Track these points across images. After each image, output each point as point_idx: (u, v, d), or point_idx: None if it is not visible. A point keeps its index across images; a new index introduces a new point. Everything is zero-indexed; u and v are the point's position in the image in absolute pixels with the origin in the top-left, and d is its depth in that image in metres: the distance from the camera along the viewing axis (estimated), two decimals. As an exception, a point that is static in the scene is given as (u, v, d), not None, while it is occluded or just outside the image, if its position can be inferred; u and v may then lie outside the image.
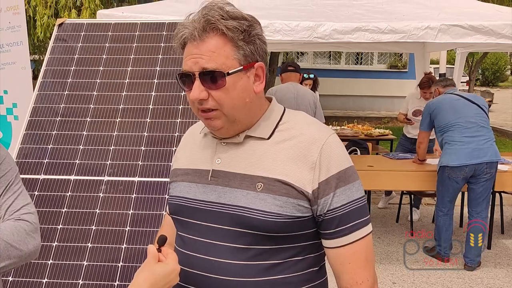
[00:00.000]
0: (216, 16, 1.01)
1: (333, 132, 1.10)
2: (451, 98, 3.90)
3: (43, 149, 2.48)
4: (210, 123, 1.07)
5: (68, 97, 2.64)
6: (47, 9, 6.62)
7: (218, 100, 1.03)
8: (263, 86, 1.09)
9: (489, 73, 24.32)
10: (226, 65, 1.01)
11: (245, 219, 1.03)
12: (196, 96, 1.02)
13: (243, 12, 1.06)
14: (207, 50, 1.01)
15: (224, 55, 1.01)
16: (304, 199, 1.03)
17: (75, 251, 2.18)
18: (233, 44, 1.02)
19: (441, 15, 3.79)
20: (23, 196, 1.29)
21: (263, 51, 1.08)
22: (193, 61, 1.02)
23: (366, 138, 5.98)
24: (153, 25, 2.90)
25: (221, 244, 1.06)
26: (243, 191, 1.05)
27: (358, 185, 1.08)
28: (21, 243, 1.19)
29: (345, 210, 1.05)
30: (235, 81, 1.02)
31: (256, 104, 1.09)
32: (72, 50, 2.81)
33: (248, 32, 1.03)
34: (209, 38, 1.01)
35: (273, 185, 1.03)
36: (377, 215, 5.27)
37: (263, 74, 1.08)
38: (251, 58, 1.05)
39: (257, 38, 1.05)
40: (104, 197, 2.32)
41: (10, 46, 3.72)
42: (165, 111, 2.56)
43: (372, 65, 14.28)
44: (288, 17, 3.73)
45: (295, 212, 1.03)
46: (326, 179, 1.03)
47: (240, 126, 1.08)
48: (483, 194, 3.79)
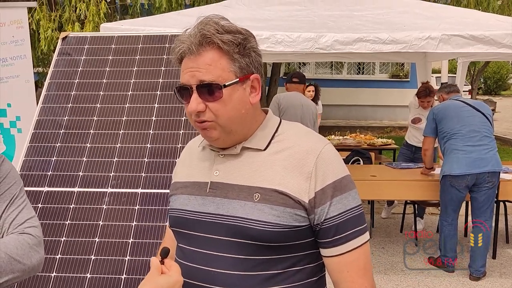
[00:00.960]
0: (211, 30, 1.04)
1: (328, 142, 1.12)
2: (456, 104, 3.86)
3: (46, 161, 2.49)
4: (206, 133, 1.09)
5: (71, 109, 2.66)
6: (51, 23, 6.69)
7: (215, 112, 1.05)
8: (258, 98, 1.11)
9: (491, 82, 24.33)
10: (222, 77, 1.04)
11: (243, 229, 1.05)
12: (194, 108, 1.05)
13: (238, 26, 1.09)
14: (204, 63, 1.04)
15: (220, 68, 1.04)
16: (301, 208, 1.05)
17: (78, 264, 2.18)
18: (229, 57, 1.05)
19: (442, 25, 3.81)
20: (27, 210, 1.29)
21: (259, 64, 1.11)
22: (190, 74, 1.05)
23: (368, 148, 5.98)
24: (156, 37, 2.92)
25: (221, 255, 1.07)
26: (240, 202, 1.07)
27: (354, 194, 1.09)
28: (25, 257, 1.19)
29: (342, 219, 1.06)
30: (231, 93, 1.05)
31: (251, 115, 1.11)
32: (75, 63, 2.84)
33: (243, 45, 1.06)
34: (205, 52, 1.04)
35: (270, 195, 1.05)
36: (381, 225, 5.24)
37: (259, 86, 1.11)
38: (247, 70, 1.07)
39: (252, 50, 1.08)
40: (108, 209, 2.33)
41: (13, 59, 3.76)
42: (168, 123, 2.57)
43: (374, 74, 14.32)
44: (290, 28, 3.76)
45: (292, 221, 1.04)
46: (322, 188, 1.05)
47: (237, 136, 1.10)
48: (486, 203, 3.77)
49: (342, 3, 4.51)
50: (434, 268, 4.05)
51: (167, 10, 6.62)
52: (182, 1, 7.58)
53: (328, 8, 4.37)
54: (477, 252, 3.79)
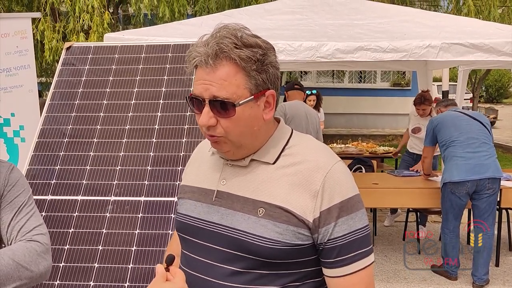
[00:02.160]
0: (229, 44, 1.00)
1: (339, 159, 1.09)
2: (454, 114, 3.97)
3: (50, 170, 2.51)
4: (216, 146, 1.08)
5: (75, 118, 2.69)
6: (56, 33, 6.75)
7: (225, 128, 1.03)
8: (272, 113, 1.08)
9: (493, 90, 24.34)
10: (237, 94, 1.01)
11: (244, 243, 1.03)
12: (204, 122, 1.02)
13: (259, 38, 1.05)
14: (219, 78, 1.00)
15: (235, 84, 1.00)
16: (305, 227, 1.02)
17: (82, 272, 2.19)
18: (245, 73, 1.01)
19: (442, 34, 3.83)
20: (35, 217, 1.31)
21: (275, 77, 1.07)
22: (204, 87, 1.02)
23: (370, 156, 5.98)
24: (159, 47, 2.96)
25: (220, 266, 1.06)
26: (244, 215, 1.05)
27: (361, 214, 1.06)
28: (32, 264, 1.20)
29: (346, 240, 1.03)
30: (245, 110, 1.02)
31: (264, 130, 1.09)
32: (79, 73, 2.87)
33: (262, 61, 1.02)
34: (221, 66, 1.00)
35: (274, 212, 1.03)
36: (383, 233, 5.23)
37: (274, 101, 1.07)
38: (262, 87, 1.04)
39: (270, 66, 1.04)
40: (111, 217, 2.34)
41: (17, 69, 3.79)
42: (170, 131, 2.59)
43: (376, 83, 14.35)
44: (291, 37, 3.79)
45: (295, 240, 1.02)
46: (328, 208, 1.02)
47: (247, 150, 1.09)
48: (488, 210, 3.77)
49: (343, 13, 4.55)
50: (437, 275, 4.04)
51: (170, 20, 6.68)
52: (185, 11, 7.65)
53: (329, 17, 4.41)
54: (480, 260, 3.79)
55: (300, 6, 4.72)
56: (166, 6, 7.01)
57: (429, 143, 4.07)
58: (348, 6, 4.74)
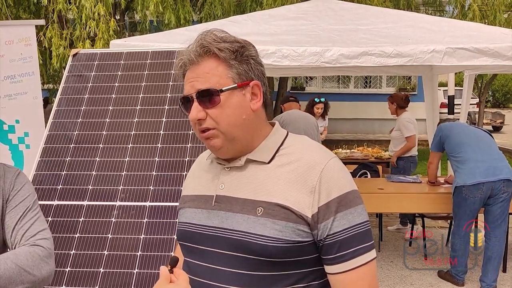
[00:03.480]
0: (208, 40, 1.07)
1: (334, 156, 1.10)
2: (460, 123, 4.06)
3: (57, 175, 2.53)
4: (209, 142, 1.10)
5: (81, 124, 2.71)
6: (62, 40, 6.82)
7: (215, 118, 1.07)
8: (260, 104, 1.12)
9: (500, 95, 24.21)
10: (220, 83, 1.06)
11: (245, 244, 1.04)
12: (194, 116, 1.07)
13: (237, 37, 1.12)
14: (202, 72, 1.07)
15: (218, 75, 1.07)
16: (304, 223, 1.03)
17: (87, 276, 2.20)
18: (226, 64, 1.07)
19: (447, 39, 3.83)
20: (39, 222, 1.32)
21: (260, 72, 1.12)
22: (191, 85, 1.09)
23: (376, 161, 5.96)
24: (164, 53, 2.98)
25: (224, 270, 1.07)
26: (244, 216, 1.06)
27: (360, 209, 1.06)
28: (35, 268, 1.21)
29: (347, 235, 1.03)
30: (229, 98, 1.07)
31: (254, 123, 1.11)
32: (85, 79, 2.90)
33: (240, 52, 1.08)
34: (203, 61, 1.08)
35: (272, 210, 1.04)
36: (389, 238, 5.20)
37: (260, 92, 1.12)
38: (246, 77, 1.09)
39: (250, 58, 1.10)
40: (116, 222, 2.35)
41: (22, 76, 3.82)
42: (176, 137, 2.60)
43: (381, 88, 14.33)
44: (296, 42, 3.80)
45: (295, 236, 1.02)
46: (326, 203, 1.03)
47: (240, 145, 1.10)
48: (501, 216, 3.72)
49: (347, 18, 4.56)
50: (443, 281, 4.01)
51: (176, 27, 6.72)
52: (190, 18, 7.69)
53: (333, 22, 4.42)
54: (490, 266, 3.74)
55: (304, 11, 4.74)
56: (172, 13, 7.06)
57: (435, 148, 4.05)
58: (352, 11, 4.75)
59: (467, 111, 6.42)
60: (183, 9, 7.30)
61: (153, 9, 6.78)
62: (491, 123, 15.78)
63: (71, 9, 6.81)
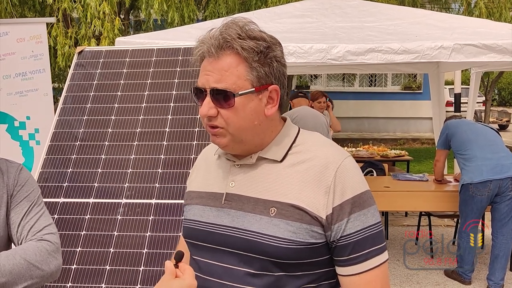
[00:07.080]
0: (232, 34, 1.00)
1: (348, 154, 1.07)
2: (467, 121, 4.02)
3: (62, 173, 2.52)
4: (215, 139, 1.06)
5: (87, 121, 2.70)
6: (68, 39, 6.83)
7: (226, 119, 1.02)
8: (275, 110, 1.07)
9: (506, 93, 24.05)
10: (237, 85, 1.01)
11: (258, 244, 1.02)
12: (205, 112, 1.03)
13: (265, 33, 1.04)
14: (220, 68, 1.01)
15: (236, 75, 1.01)
16: (318, 224, 1.01)
17: (93, 274, 2.20)
18: (247, 65, 1.01)
19: (454, 35, 3.80)
20: (45, 217, 1.32)
21: (281, 74, 1.06)
22: (206, 78, 1.03)
23: (382, 160, 5.94)
24: (169, 50, 2.97)
25: (236, 269, 1.05)
26: (256, 216, 1.04)
27: (373, 210, 1.04)
28: (43, 263, 1.21)
29: (360, 237, 1.01)
30: (245, 102, 1.02)
31: (266, 127, 1.07)
32: (91, 77, 2.89)
33: (265, 53, 1.02)
34: (224, 56, 1.01)
35: (286, 210, 1.01)
36: (395, 237, 5.18)
37: (277, 97, 1.06)
38: (265, 80, 1.03)
39: (274, 60, 1.04)
40: (122, 220, 2.35)
41: (33, 73, 3.85)
42: (181, 134, 2.59)
43: (386, 86, 14.28)
44: (302, 40, 3.78)
45: (309, 238, 1.01)
46: (340, 204, 1.00)
47: (248, 146, 1.07)
48: (509, 214, 3.69)
49: (353, 15, 4.53)
50: (450, 279, 3.98)
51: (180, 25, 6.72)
52: (194, 16, 7.68)
53: (339, 20, 4.39)
54: (498, 264, 3.71)
55: (310, 9, 4.71)
56: (176, 12, 7.05)
57: (441, 146, 4.04)
58: (359, 8, 4.72)
59: (473, 109, 6.38)
60: (188, 7, 7.30)
61: (157, 7, 6.78)
62: (497, 121, 15.72)
63: (76, 8, 6.82)
